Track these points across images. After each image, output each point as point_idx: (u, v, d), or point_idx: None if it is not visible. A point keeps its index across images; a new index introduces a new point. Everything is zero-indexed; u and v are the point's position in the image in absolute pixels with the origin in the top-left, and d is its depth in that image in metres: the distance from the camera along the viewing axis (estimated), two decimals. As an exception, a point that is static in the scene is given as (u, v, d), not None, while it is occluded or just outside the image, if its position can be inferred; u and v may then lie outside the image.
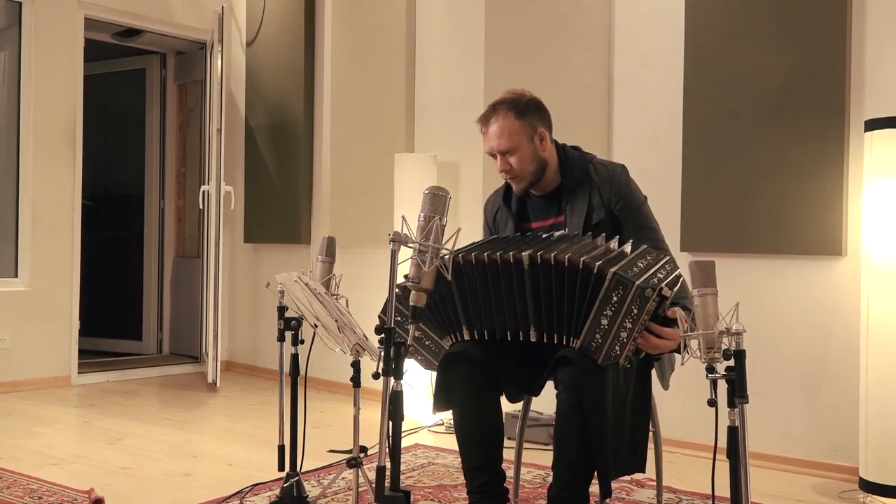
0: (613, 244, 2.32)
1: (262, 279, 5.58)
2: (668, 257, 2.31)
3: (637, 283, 2.10)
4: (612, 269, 2.13)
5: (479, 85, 4.40)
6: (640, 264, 2.20)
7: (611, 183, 2.47)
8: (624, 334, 2.14)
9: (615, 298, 2.13)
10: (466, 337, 2.39)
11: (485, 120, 2.48)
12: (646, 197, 2.54)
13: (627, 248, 2.29)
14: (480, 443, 2.39)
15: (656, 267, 2.21)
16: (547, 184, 2.54)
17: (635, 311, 2.12)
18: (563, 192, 2.52)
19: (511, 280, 2.27)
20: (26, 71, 4.99)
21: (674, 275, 2.22)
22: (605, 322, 2.16)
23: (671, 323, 2.15)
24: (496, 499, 2.37)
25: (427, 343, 2.46)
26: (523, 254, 2.24)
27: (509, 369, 2.43)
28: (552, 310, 2.25)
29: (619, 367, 2.19)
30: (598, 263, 2.16)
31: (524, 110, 2.45)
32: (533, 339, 2.30)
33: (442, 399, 2.41)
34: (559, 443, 2.27)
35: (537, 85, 2.73)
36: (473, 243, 2.45)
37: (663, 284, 2.13)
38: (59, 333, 5.07)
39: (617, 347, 2.16)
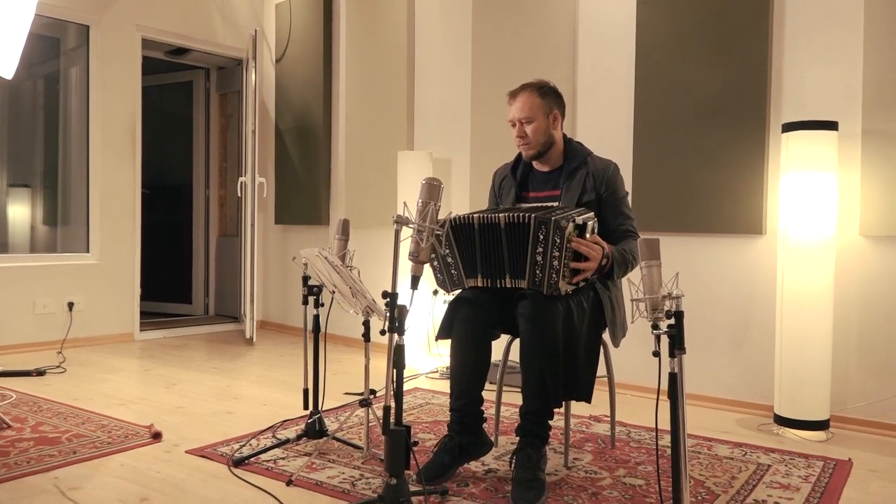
0: (558, 204, 2.33)
1: (289, 254, 5.57)
2: (588, 211, 2.33)
3: (554, 218, 2.15)
4: (534, 215, 2.18)
5: (467, 96, 4.38)
6: (559, 213, 2.23)
7: (604, 173, 2.50)
8: (556, 263, 2.17)
9: (541, 237, 2.18)
10: (469, 285, 2.37)
11: (513, 94, 2.52)
12: (627, 192, 2.57)
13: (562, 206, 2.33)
14: (469, 369, 2.34)
15: (573, 212, 2.25)
16: (550, 161, 2.56)
17: (558, 241, 2.16)
18: (563, 172, 2.53)
19: (492, 237, 2.29)
20: (94, 83, 4.94)
21: (588, 215, 2.26)
22: (539, 258, 2.19)
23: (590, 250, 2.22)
24: (474, 417, 2.36)
25: (453, 272, 2.40)
26: (500, 216, 2.26)
27: (506, 313, 2.40)
28: (515, 259, 2.26)
29: (564, 293, 2.21)
30: (532, 216, 2.20)
31: (546, 93, 2.50)
32: (508, 285, 2.30)
33: (445, 329, 2.38)
34: (524, 366, 2.23)
35: (515, 95, 2.71)
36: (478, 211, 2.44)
37: (575, 216, 2.18)
38: (124, 298, 5.07)
39: (554, 275, 2.18)
